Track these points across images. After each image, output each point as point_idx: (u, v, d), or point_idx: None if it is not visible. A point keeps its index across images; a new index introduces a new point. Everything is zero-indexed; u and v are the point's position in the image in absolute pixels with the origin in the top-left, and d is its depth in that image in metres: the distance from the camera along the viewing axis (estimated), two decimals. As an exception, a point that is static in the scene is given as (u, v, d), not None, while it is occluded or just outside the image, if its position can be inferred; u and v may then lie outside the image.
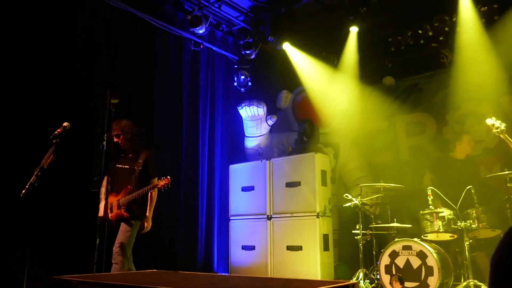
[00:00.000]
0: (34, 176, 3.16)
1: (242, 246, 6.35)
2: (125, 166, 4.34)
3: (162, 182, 4.24)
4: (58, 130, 3.54)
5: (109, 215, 4.16)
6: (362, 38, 6.52)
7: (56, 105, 4.69)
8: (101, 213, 4.19)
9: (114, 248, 4.05)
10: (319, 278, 5.46)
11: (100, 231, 3.91)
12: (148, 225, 4.33)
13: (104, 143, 3.88)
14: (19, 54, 4.53)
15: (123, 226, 4.17)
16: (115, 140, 4.28)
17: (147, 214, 4.33)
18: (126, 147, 4.36)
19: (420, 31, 6.11)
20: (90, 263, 3.94)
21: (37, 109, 4.60)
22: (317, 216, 5.70)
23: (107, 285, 2.07)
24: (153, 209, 4.42)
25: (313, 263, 5.60)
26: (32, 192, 3.12)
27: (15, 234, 3.82)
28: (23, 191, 3.11)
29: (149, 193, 4.31)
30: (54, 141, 3.40)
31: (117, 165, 4.33)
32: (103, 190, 4.32)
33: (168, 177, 4.28)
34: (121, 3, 5.62)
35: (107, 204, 4.11)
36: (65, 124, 3.67)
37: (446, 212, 4.50)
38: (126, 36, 5.80)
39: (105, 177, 4.33)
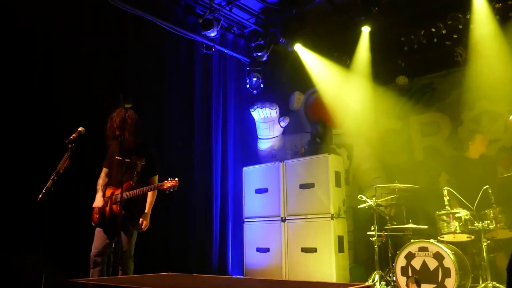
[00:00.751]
0: (50, 181, 3.19)
1: (257, 248, 6.34)
2: (126, 160, 3.96)
3: (168, 184, 3.82)
4: (73, 135, 3.57)
5: (105, 207, 3.98)
6: (374, 38, 6.47)
7: (70, 110, 4.74)
8: (96, 203, 4.00)
9: (119, 254, 3.85)
10: (334, 280, 5.42)
11: (116, 235, 3.93)
12: (146, 223, 4.01)
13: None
14: (28, 59, 4.60)
15: (124, 233, 3.90)
16: (117, 133, 3.93)
17: (145, 211, 4.04)
18: (130, 140, 4.01)
19: (433, 30, 6.04)
20: (106, 266, 3.98)
21: (50, 114, 4.66)
22: (332, 218, 5.67)
23: (122, 289, 2.08)
24: (164, 210, 4.26)
25: (328, 265, 5.57)
26: (48, 197, 3.15)
27: (31, 238, 3.87)
28: (40, 196, 3.14)
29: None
30: (69, 146, 3.43)
31: (117, 158, 4.01)
32: (100, 181, 4.14)
33: (176, 179, 3.87)
34: (132, 7, 5.67)
35: (105, 195, 4.02)
36: (80, 129, 3.69)
37: (463, 213, 4.43)
38: (137, 40, 5.85)
39: (103, 169, 4.23)
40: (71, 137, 3.52)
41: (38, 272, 3.09)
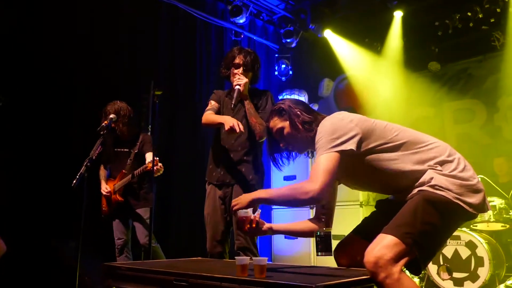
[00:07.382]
0: (84, 167, 3.26)
1: (285, 235, 6.36)
2: (124, 150, 4.13)
3: (150, 164, 3.68)
4: (105, 122, 3.64)
5: (111, 196, 4.09)
6: (406, 23, 6.31)
7: (103, 98, 4.82)
8: (103, 190, 4.14)
9: (141, 241, 3.98)
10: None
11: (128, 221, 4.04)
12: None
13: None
14: (63, 48, 4.68)
15: (138, 221, 4.03)
16: (112, 125, 3.93)
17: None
18: (124, 131, 4.10)
19: (469, 14, 5.83)
20: (138, 250, 4.09)
21: (83, 102, 4.76)
22: (361, 205, 5.63)
23: (154, 272, 2.13)
24: (193, 198, 4.25)
25: (357, 252, 5.54)
26: (82, 183, 3.22)
27: (71, 224, 3.98)
28: (74, 182, 3.21)
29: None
30: (101, 132, 3.49)
31: (115, 149, 4.15)
32: (100, 172, 4.24)
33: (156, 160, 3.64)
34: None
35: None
36: (111, 116, 3.76)
37: (497, 201, 4.33)
38: (169, 28, 5.90)
39: (101, 164, 4.29)
40: (103, 123, 3.59)
41: (76, 256, 3.18)
